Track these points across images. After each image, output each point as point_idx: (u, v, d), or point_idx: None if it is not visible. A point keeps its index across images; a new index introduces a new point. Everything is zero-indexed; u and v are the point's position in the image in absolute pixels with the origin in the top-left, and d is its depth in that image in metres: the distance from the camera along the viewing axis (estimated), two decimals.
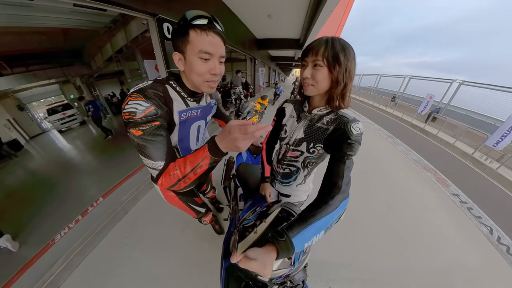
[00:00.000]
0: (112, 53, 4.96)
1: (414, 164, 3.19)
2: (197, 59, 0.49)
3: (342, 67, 0.50)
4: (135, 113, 0.45)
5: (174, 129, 0.59)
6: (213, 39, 0.48)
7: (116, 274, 1.27)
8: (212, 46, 0.48)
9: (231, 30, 4.20)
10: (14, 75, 5.28)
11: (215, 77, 0.53)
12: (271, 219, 0.55)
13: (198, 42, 0.47)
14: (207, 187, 1.25)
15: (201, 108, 0.66)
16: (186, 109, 0.59)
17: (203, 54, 0.48)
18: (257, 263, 0.37)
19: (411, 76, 8.95)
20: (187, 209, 0.97)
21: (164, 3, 1.98)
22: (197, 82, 0.54)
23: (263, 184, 0.88)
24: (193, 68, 0.50)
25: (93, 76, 7.10)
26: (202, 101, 0.68)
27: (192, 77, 0.53)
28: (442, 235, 1.71)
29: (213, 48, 0.49)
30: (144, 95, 0.47)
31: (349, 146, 0.51)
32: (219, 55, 0.51)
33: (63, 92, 7.49)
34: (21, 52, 4.76)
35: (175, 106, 0.56)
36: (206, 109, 0.71)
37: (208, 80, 0.53)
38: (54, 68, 6.09)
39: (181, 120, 0.59)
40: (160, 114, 0.49)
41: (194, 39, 0.47)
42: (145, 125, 0.46)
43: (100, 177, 2.60)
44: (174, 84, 0.57)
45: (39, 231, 1.65)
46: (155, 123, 0.48)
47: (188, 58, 0.49)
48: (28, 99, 6.56)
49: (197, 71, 0.50)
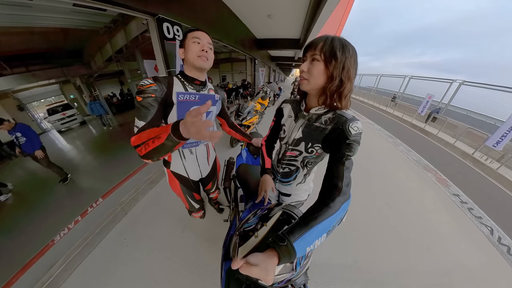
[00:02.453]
0: (112, 53, 4.93)
1: (414, 164, 3.19)
2: (191, 43, 0.71)
3: (338, 63, 0.50)
4: (143, 85, 0.65)
5: (173, 108, 0.73)
6: (201, 33, 0.73)
7: (116, 275, 1.26)
8: (200, 35, 0.73)
9: (231, 30, 4.19)
10: (14, 75, 5.27)
11: (205, 53, 0.72)
12: (272, 222, 0.54)
13: (192, 35, 0.72)
14: (212, 186, 1.26)
15: (199, 94, 0.79)
16: (184, 92, 0.75)
17: (195, 39, 0.72)
18: (258, 269, 0.36)
19: (411, 76, 8.93)
20: (184, 199, 1.10)
21: (164, 3, 1.97)
22: (191, 58, 0.72)
23: (264, 177, 0.82)
24: (189, 49, 0.72)
25: (93, 76, 7.09)
26: (203, 91, 0.83)
27: (188, 56, 0.72)
28: (442, 235, 1.71)
29: (200, 36, 0.72)
30: (153, 78, 0.68)
31: (348, 146, 0.50)
32: (206, 41, 0.74)
33: (63, 92, 7.49)
34: (21, 52, 4.75)
35: (175, 88, 0.73)
36: (206, 98, 0.81)
37: (199, 55, 0.72)
38: (54, 68, 6.08)
39: (178, 100, 0.73)
40: (158, 90, 0.67)
41: (189, 35, 0.73)
42: (145, 94, 0.64)
43: (100, 177, 2.60)
44: (180, 76, 0.78)
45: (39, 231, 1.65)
46: (152, 95, 0.65)
47: (186, 45, 0.73)
48: (28, 99, 6.56)
49: (192, 50, 0.72)
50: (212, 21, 3.21)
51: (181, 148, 0.85)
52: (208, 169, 1.05)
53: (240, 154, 1.37)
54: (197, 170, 0.97)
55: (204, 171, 1.02)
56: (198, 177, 1.02)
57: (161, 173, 2.22)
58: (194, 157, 0.92)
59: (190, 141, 0.84)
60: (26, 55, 4.96)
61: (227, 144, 3.18)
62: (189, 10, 2.45)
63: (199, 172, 0.99)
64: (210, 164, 1.04)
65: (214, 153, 1.09)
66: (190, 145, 0.87)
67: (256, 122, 3.53)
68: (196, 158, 0.93)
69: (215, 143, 1.15)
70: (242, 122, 3.12)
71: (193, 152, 0.91)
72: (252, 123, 3.26)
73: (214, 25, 3.31)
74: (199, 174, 1.00)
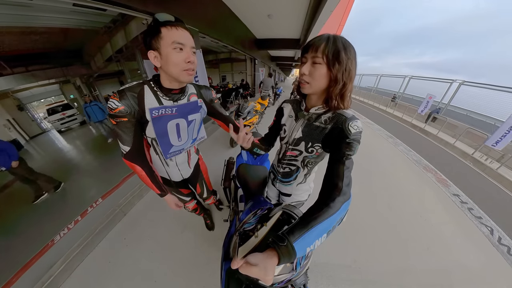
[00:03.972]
0: (112, 53, 4.93)
1: (414, 164, 3.19)
2: (172, 51, 0.55)
3: (342, 66, 0.49)
4: (111, 109, 0.57)
5: (148, 124, 0.66)
6: (182, 33, 0.56)
7: (115, 275, 1.26)
8: (183, 38, 0.56)
9: (231, 30, 4.20)
10: (14, 75, 5.26)
11: (191, 65, 0.59)
12: (272, 222, 0.54)
13: (170, 36, 0.54)
14: (202, 189, 1.19)
15: (176, 106, 0.69)
16: (158, 107, 0.65)
17: (177, 45, 0.55)
18: (258, 269, 0.36)
19: (411, 76, 8.93)
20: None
21: (164, 3, 1.97)
22: (175, 73, 0.59)
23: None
24: (169, 59, 0.56)
25: (93, 76, 7.08)
26: (182, 100, 0.72)
27: (170, 69, 0.58)
28: (442, 235, 1.71)
29: (184, 39, 0.56)
30: (120, 96, 0.58)
31: (348, 145, 0.50)
32: (190, 46, 0.58)
33: (63, 92, 7.48)
34: (21, 52, 4.75)
35: (147, 104, 0.63)
36: (186, 108, 0.73)
37: (185, 68, 0.58)
38: (54, 68, 6.08)
39: (153, 117, 0.65)
40: (129, 112, 0.60)
41: (166, 35, 0.54)
42: (117, 119, 0.59)
43: (100, 177, 2.59)
44: (153, 84, 0.64)
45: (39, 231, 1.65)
46: (123, 119, 0.60)
47: (163, 52, 0.55)
48: (28, 99, 6.54)
49: (174, 61, 0.56)
50: (212, 21, 3.21)
51: (163, 158, 0.83)
52: (190, 171, 1.02)
53: (240, 154, 1.37)
54: (178, 173, 0.96)
55: (186, 173, 1.00)
56: (179, 179, 1.00)
57: None
58: (174, 163, 0.91)
59: (173, 150, 0.81)
60: (26, 55, 4.95)
61: (227, 144, 3.18)
62: (189, 10, 2.45)
63: (180, 174, 0.98)
64: (191, 166, 1.01)
65: (196, 156, 1.05)
66: (172, 154, 0.83)
67: (256, 122, 3.53)
68: (176, 163, 0.91)
69: (212, 142, 1.14)
70: (243, 122, 3.12)
71: (173, 159, 0.89)
72: (252, 123, 3.25)
73: (214, 25, 3.31)
74: (179, 176, 0.98)
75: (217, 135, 3.62)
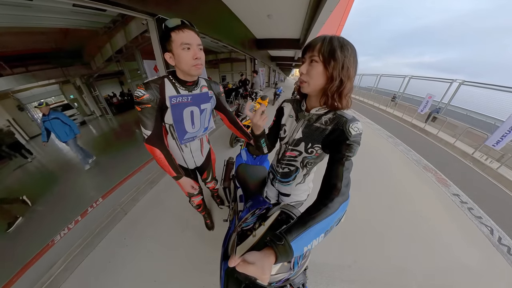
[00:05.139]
0: (112, 53, 4.94)
1: (414, 164, 3.19)
2: (181, 51, 0.67)
3: (338, 63, 0.49)
4: (138, 97, 0.69)
5: (167, 111, 0.78)
6: (188, 34, 0.66)
7: (115, 275, 1.26)
8: (189, 38, 0.66)
9: (231, 30, 4.20)
10: (14, 75, 5.27)
11: (199, 61, 0.70)
12: (270, 222, 0.54)
13: (179, 38, 0.65)
14: (208, 175, 1.29)
15: (191, 95, 0.82)
16: (176, 95, 0.77)
17: (185, 45, 0.66)
18: (255, 267, 0.36)
19: (411, 76, 8.92)
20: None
21: (164, 3, 1.98)
22: (186, 68, 0.71)
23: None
24: (180, 58, 0.68)
25: (93, 76, 7.09)
26: (195, 91, 0.84)
27: (182, 66, 0.71)
28: (442, 235, 1.71)
29: (190, 39, 0.66)
30: (146, 86, 0.71)
31: (348, 147, 0.50)
32: (196, 44, 0.69)
33: (63, 92, 7.49)
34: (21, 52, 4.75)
35: (167, 92, 0.75)
36: (199, 97, 0.85)
37: (194, 64, 0.70)
38: (54, 68, 6.08)
39: (172, 104, 0.76)
40: (152, 99, 0.71)
41: (175, 38, 0.65)
42: (142, 105, 0.70)
43: (100, 177, 2.60)
44: (171, 77, 0.78)
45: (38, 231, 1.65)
46: (148, 106, 0.71)
47: (175, 53, 0.68)
48: (28, 99, 6.54)
49: (184, 59, 0.68)
50: (212, 21, 3.21)
51: (179, 143, 0.92)
52: (202, 159, 1.13)
53: (240, 154, 1.37)
54: (191, 160, 1.07)
55: (198, 161, 1.11)
56: (193, 166, 1.11)
57: (161, 173, 2.22)
58: (189, 150, 1.00)
59: (187, 137, 0.90)
60: (26, 55, 4.96)
61: (226, 144, 3.18)
62: (189, 10, 2.45)
63: (193, 162, 1.08)
64: (204, 155, 1.13)
65: (208, 145, 1.17)
66: (187, 140, 0.93)
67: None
68: (190, 150, 1.01)
69: (212, 142, 1.22)
70: (242, 122, 3.13)
71: (188, 145, 0.98)
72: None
73: (214, 25, 3.31)
74: (193, 163, 1.09)
75: (217, 135, 3.62)
